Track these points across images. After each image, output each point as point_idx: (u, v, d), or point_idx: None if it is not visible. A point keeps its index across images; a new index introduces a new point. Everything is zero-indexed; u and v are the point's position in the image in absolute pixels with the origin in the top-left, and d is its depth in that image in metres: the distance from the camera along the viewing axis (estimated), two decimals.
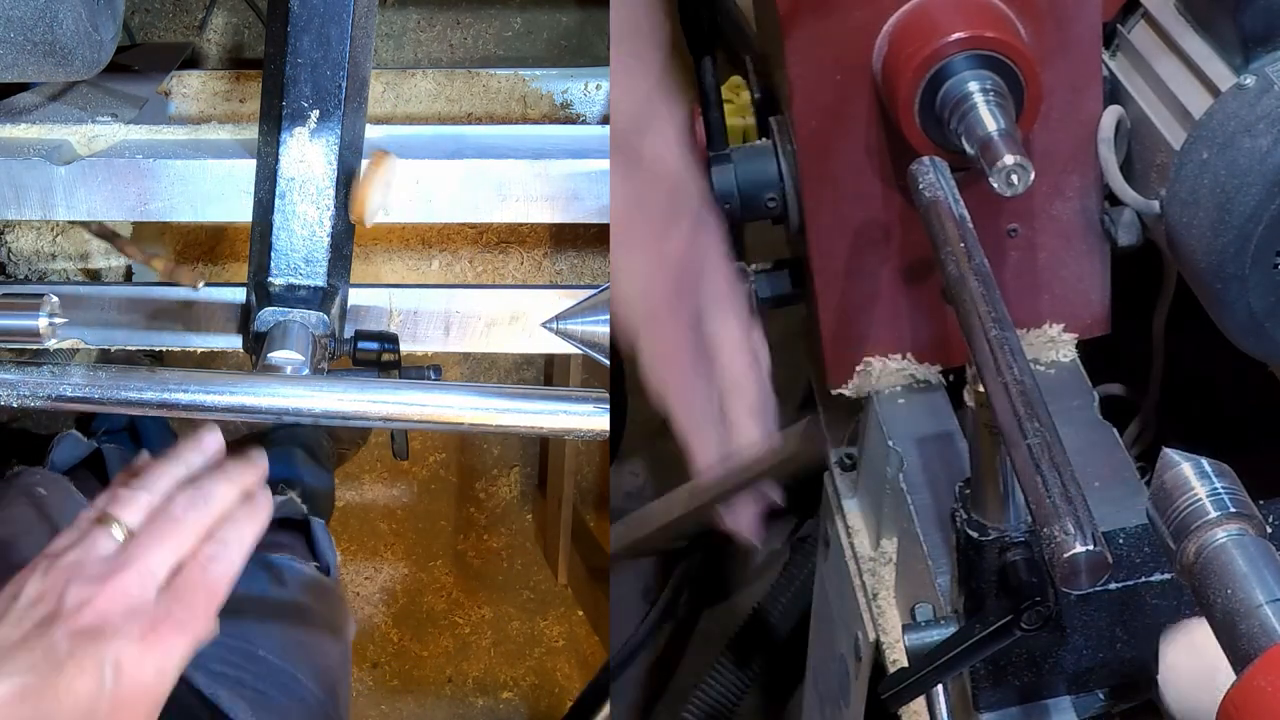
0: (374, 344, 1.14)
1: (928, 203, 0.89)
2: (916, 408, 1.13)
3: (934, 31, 0.97)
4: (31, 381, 1.01)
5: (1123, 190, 1.07)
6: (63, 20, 1.01)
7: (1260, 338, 0.99)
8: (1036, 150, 1.05)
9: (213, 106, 1.48)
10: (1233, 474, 0.64)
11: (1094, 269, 1.13)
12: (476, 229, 1.50)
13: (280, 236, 1.10)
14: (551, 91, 1.54)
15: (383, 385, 1.04)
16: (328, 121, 1.08)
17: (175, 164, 1.15)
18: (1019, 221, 1.09)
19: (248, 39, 1.95)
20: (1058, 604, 0.80)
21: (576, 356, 1.93)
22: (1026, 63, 0.97)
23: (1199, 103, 0.99)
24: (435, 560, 2.37)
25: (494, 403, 1.01)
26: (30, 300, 1.02)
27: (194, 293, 1.17)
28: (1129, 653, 0.88)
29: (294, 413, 1.00)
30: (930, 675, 0.82)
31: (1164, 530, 0.64)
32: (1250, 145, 0.92)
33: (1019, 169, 0.91)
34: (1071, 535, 0.63)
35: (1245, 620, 0.58)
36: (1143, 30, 1.08)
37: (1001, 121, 0.94)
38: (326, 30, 1.06)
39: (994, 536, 0.82)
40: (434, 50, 2.03)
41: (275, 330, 1.09)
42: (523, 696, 2.18)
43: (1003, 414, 0.72)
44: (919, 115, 0.99)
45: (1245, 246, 0.94)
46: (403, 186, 1.17)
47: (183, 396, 0.99)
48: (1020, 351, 0.75)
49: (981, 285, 0.80)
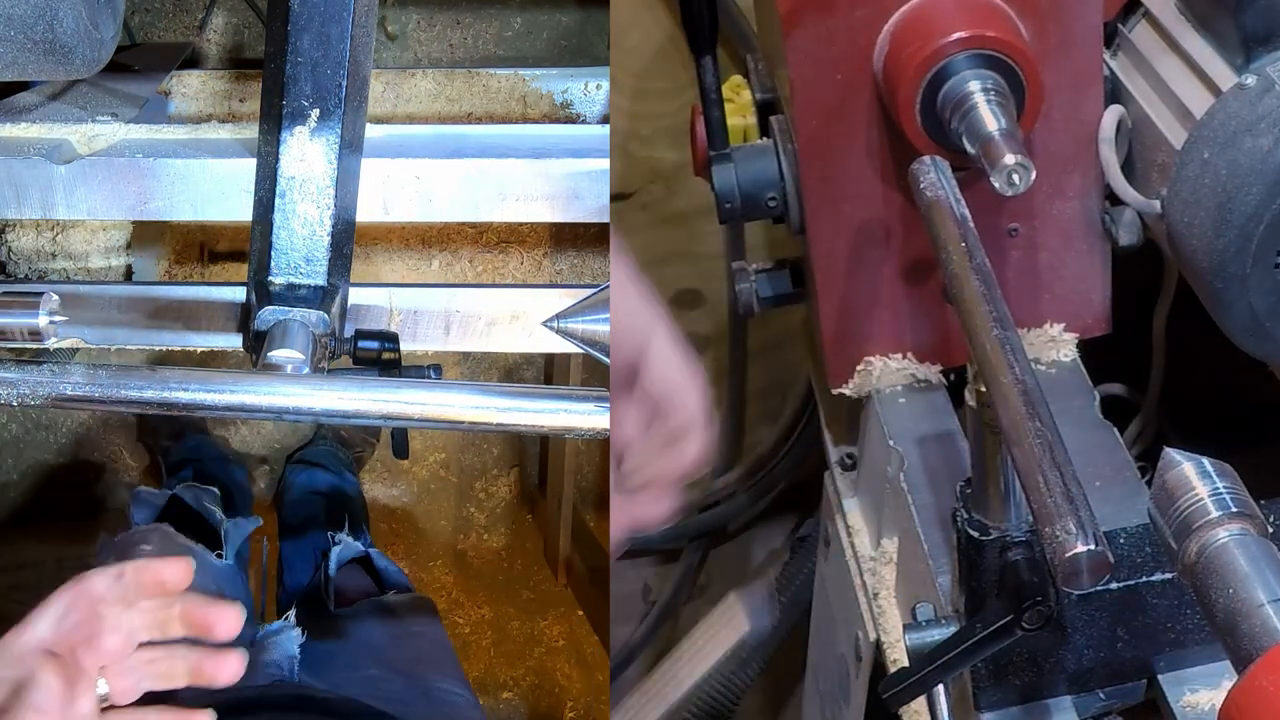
0: (374, 343, 1.13)
1: (929, 202, 0.89)
2: (917, 407, 1.13)
3: (935, 31, 0.97)
4: (31, 380, 1.01)
5: (1124, 190, 1.07)
6: (63, 19, 1.01)
7: (1261, 337, 0.99)
8: (1037, 150, 1.05)
9: (213, 106, 1.48)
10: (1234, 474, 0.64)
11: (1095, 269, 1.13)
12: (476, 229, 1.50)
13: (280, 235, 1.10)
14: (551, 91, 1.54)
15: (383, 384, 1.04)
16: (328, 120, 1.08)
17: (175, 163, 1.15)
18: (1020, 221, 1.09)
19: (248, 39, 1.95)
20: (1059, 604, 0.80)
21: (577, 356, 1.93)
22: (1027, 62, 0.97)
23: (1200, 102, 0.99)
24: (435, 560, 2.37)
25: (494, 402, 1.01)
26: (30, 299, 1.02)
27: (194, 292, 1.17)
28: (1130, 653, 0.88)
29: (294, 411, 1.00)
30: (931, 675, 0.82)
31: (1165, 530, 0.64)
32: (1251, 145, 0.92)
33: (1020, 168, 0.91)
34: (1073, 535, 0.63)
35: (1247, 620, 0.58)
36: (1144, 30, 1.08)
37: (1002, 121, 0.94)
38: (326, 29, 1.06)
39: (995, 536, 0.82)
40: (434, 50, 2.03)
41: (275, 329, 1.08)
42: (523, 696, 2.18)
43: (1004, 413, 0.72)
44: (920, 115, 0.99)
45: (1246, 246, 0.93)
46: (403, 185, 1.17)
47: (183, 395, 0.99)
48: (1021, 351, 0.75)
49: (982, 285, 0.80)
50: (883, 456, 1.10)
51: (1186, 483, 0.63)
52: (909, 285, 1.11)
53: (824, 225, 1.09)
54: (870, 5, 1.00)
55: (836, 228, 1.09)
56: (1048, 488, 0.66)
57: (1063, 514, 0.64)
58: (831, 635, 1.26)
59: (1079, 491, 0.65)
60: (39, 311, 1.01)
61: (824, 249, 1.10)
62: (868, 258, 1.10)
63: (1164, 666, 0.89)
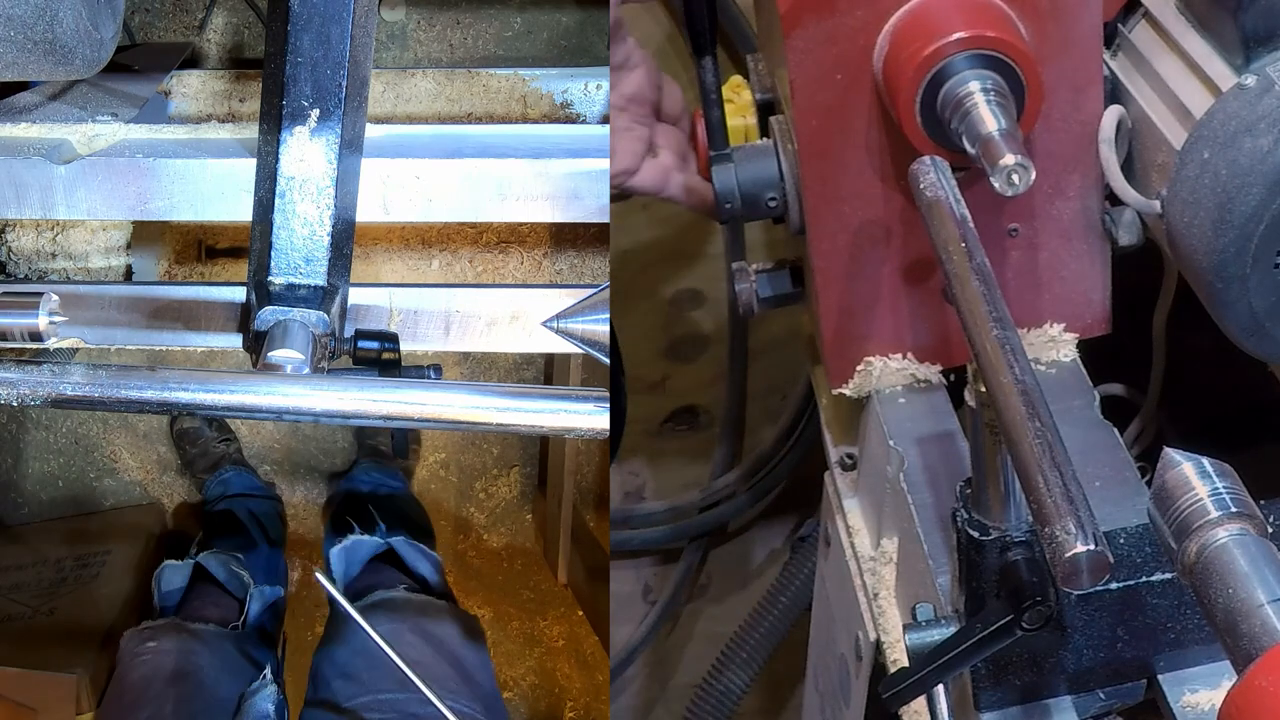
0: (374, 343, 1.13)
1: (929, 202, 0.89)
2: (917, 407, 1.13)
3: (935, 31, 0.97)
4: (31, 380, 1.01)
5: (1123, 190, 1.07)
6: (63, 19, 1.01)
7: (1261, 337, 0.99)
8: (1037, 150, 1.05)
9: (213, 106, 1.48)
10: (1234, 474, 0.64)
11: (1095, 269, 1.13)
12: (476, 229, 1.50)
13: (280, 235, 1.10)
14: (551, 91, 1.54)
15: (383, 384, 1.04)
16: (328, 120, 1.08)
17: (175, 163, 1.15)
18: (1020, 221, 1.09)
19: (248, 39, 1.95)
20: (1059, 604, 0.80)
21: (576, 356, 1.93)
22: (1027, 62, 0.97)
23: (1200, 102, 0.99)
24: None
25: (494, 402, 1.01)
26: (30, 299, 1.02)
27: (194, 292, 1.17)
28: (1129, 653, 0.88)
29: (294, 411, 1.00)
30: (931, 675, 0.82)
31: (1165, 530, 0.64)
32: (1251, 145, 0.92)
33: (1020, 168, 0.91)
34: (1073, 535, 0.63)
35: (1247, 620, 0.58)
36: (1144, 30, 1.08)
37: (1002, 121, 0.94)
38: (326, 29, 1.06)
39: (995, 536, 0.82)
40: (434, 50, 2.03)
41: (275, 329, 1.08)
42: (523, 696, 2.18)
43: (1004, 413, 0.72)
44: (920, 115, 0.99)
45: (1246, 246, 0.93)
46: (403, 185, 1.17)
47: (183, 395, 0.99)
48: (1021, 351, 0.75)
49: (983, 285, 0.80)
50: (883, 456, 1.10)
51: (1186, 483, 0.63)
52: (909, 285, 1.11)
53: (824, 225, 1.09)
54: (870, 5, 1.00)
55: (836, 228, 1.09)
56: (1048, 488, 0.66)
57: (1063, 514, 0.64)
58: (831, 635, 1.26)
59: (1079, 491, 0.65)
60: (39, 312, 1.02)
61: (824, 249, 1.10)
62: (868, 258, 1.10)
63: (1164, 666, 0.89)
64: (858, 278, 1.11)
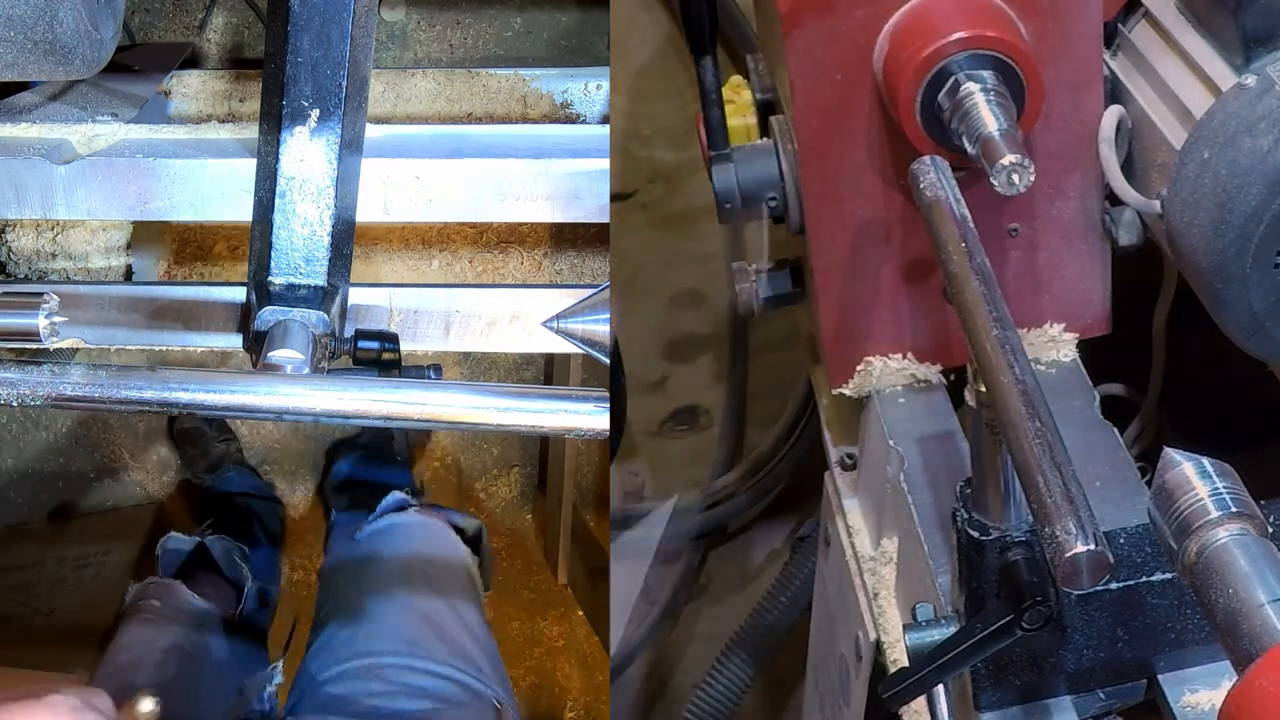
0: (374, 343, 1.13)
1: (929, 202, 0.89)
2: (917, 407, 1.13)
3: (935, 31, 0.97)
4: (31, 380, 1.01)
5: (1123, 190, 1.07)
6: (63, 19, 1.01)
7: (1261, 337, 0.99)
8: (1037, 150, 1.05)
9: (212, 106, 1.48)
10: (1234, 474, 0.64)
11: (1095, 269, 1.13)
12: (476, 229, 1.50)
13: (280, 236, 1.10)
14: (551, 91, 1.54)
15: (383, 384, 1.04)
16: (328, 121, 1.08)
17: (175, 163, 1.15)
18: (1020, 221, 1.09)
19: (248, 39, 1.95)
20: (1059, 603, 0.80)
21: (577, 356, 1.93)
22: (1027, 62, 0.97)
23: (1200, 102, 0.99)
24: None
25: (494, 402, 1.01)
26: (30, 299, 1.02)
27: (194, 292, 1.17)
28: (1130, 653, 0.88)
29: (294, 412, 1.00)
30: (931, 675, 0.82)
31: (1165, 530, 0.64)
32: (1251, 145, 0.92)
33: (1020, 168, 0.91)
34: (1073, 535, 0.63)
35: (1247, 620, 0.58)
36: (1144, 30, 1.08)
37: (1002, 121, 0.94)
38: (326, 29, 1.06)
39: (995, 536, 0.82)
40: (434, 50, 2.03)
41: (275, 329, 1.08)
42: (523, 696, 2.18)
43: (1004, 413, 0.72)
44: (920, 115, 0.99)
45: (1246, 246, 0.93)
46: (403, 185, 1.17)
47: (183, 395, 0.99)
48: (1021, 351, 0.75)
49: (983, 285, 0.80)
50: (883, 456, 1.10)
51: (1186, 483, 0.63)
52: (909, 285, 1.11)
53: (824, 225, 1.09)
54: (870, 5, 1.00)
55: (836, 227, 1.09)
56: (1048, 488, 0.66)
57: (1063, 514, 0.64)
58: (831, 635, 1.26)
59: (1079, 491, 0.65)
60: (39, 312, 1.01)
61: (824, 249, 1.10)
62: (868, 258, 1.10)
63: (1164, 666, 0.89)
64: (858, 277, 1.11)
